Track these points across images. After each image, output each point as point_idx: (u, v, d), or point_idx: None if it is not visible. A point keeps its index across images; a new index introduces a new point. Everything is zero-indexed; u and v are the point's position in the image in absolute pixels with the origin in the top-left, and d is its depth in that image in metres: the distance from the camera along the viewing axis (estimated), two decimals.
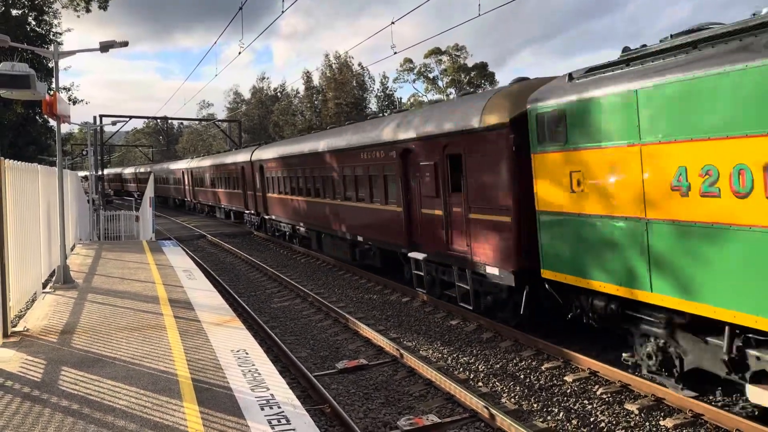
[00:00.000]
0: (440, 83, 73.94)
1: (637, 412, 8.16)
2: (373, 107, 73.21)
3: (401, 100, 74.65)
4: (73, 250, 19.16)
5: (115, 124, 46.49)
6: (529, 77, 12.09)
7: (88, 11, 32.96)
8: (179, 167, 52.12)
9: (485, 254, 11.60)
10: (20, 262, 10.24)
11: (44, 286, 12.93)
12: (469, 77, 70.71)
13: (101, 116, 47.78)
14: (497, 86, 14.68)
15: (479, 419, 8.15)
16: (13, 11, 31.14)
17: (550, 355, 10.46)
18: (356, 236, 18.03)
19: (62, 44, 33.40)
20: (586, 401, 8.68)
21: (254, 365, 7.54)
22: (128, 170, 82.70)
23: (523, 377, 9.72)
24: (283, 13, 21.61)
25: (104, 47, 14.07)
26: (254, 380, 7.01)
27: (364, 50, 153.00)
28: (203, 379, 7.05)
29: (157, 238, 24.30)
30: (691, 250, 7.49)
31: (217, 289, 13.44)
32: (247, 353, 8.03)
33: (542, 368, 9.98)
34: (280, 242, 27.61)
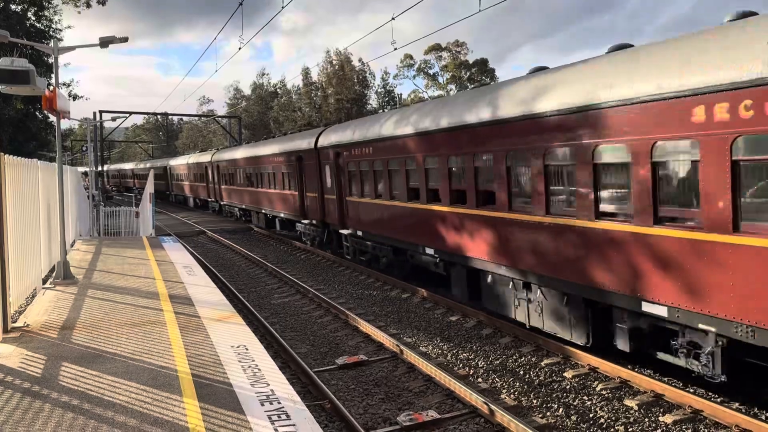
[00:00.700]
0: (440, 79, 73.85)
1: (636, 408, 8.17)
2: (373, 103, 73.06)
3: (401, 96, 74.51)
4: (73, 246, 19.17)
5: (115, 120, 46.52)
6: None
7: (88, 6, 32.77)
8: (201, 161, 44.18)
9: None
10: (20, 258, 10.24)
11: (44, 281, 12.94)
12: (469, 73, 70.52)
13: (101, 112, 47.89)
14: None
15: (479, 415, 8.17)
16: (12, 6, 31.03)
17: (549, 351, 10.48)
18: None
19: (62, 40, 33.37)
20: (585, 397, 8.69)
21: (254, 361, 7.55)
22: (140, 166, 73.85)
23: (522, 373, 9.73)
24: (283, 8, 21.75)
25: (104, 43, 14.03)
26: (254, 376, 7.02)
27: (364, 46, 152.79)
28: (203, 374, 7.06)
29: (157, 234, 24.30)
30: None
31: (217, 285, 13.44)
32: (247, 349, 8.04)
33: (542, 364, 10.00)
34: (280, 238, 27.59)
